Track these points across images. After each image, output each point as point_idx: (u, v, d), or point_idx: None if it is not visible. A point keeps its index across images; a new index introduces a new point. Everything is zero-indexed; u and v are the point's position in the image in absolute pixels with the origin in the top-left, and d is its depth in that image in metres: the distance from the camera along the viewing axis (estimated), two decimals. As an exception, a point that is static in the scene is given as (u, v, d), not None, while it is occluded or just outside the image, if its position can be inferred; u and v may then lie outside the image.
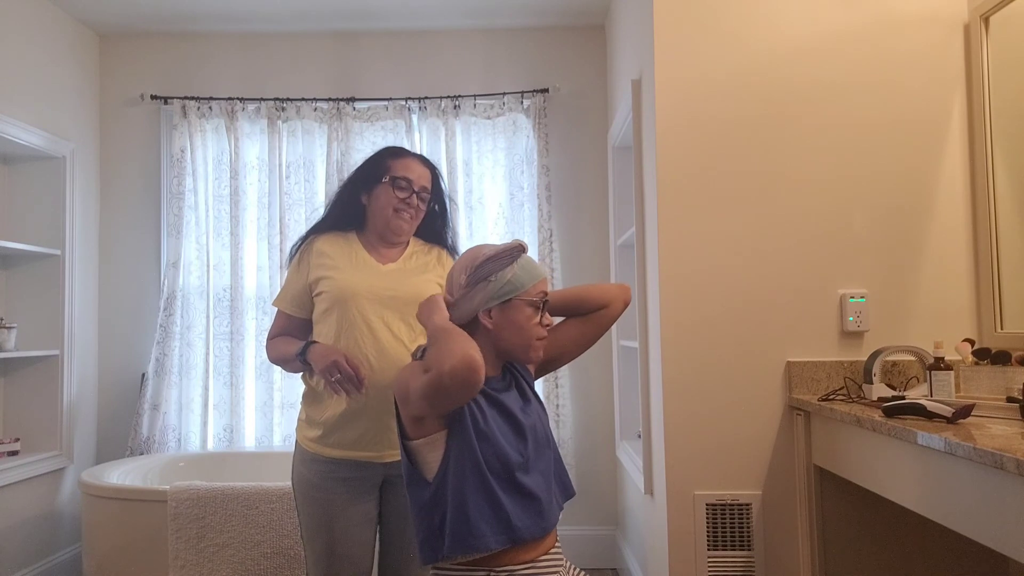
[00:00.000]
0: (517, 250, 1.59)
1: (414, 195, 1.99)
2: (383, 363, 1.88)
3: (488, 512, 1.44)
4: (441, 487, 1.46)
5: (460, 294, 1.59)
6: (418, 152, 2.12)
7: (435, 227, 2.12)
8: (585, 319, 1.73)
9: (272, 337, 2.07)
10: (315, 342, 1.94)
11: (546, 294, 1.60)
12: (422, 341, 1.97)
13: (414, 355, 1.61)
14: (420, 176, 2.01)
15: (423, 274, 2.02)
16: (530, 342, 1.59)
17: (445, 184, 2.13)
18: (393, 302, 1.93)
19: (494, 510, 1.44)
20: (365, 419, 1.89)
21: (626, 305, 1.75)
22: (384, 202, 1.98)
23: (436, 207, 2.11)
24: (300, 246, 2.05)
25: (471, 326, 1.58)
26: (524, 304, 1.57)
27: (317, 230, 2.05)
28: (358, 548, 1.92)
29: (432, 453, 1.48)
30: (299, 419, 2.00)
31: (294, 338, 2.02)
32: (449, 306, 1.60)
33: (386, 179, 1.99)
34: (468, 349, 1.39)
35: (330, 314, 1.93)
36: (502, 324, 1.56)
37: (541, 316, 1.59)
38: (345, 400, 1.88)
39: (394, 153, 2.06)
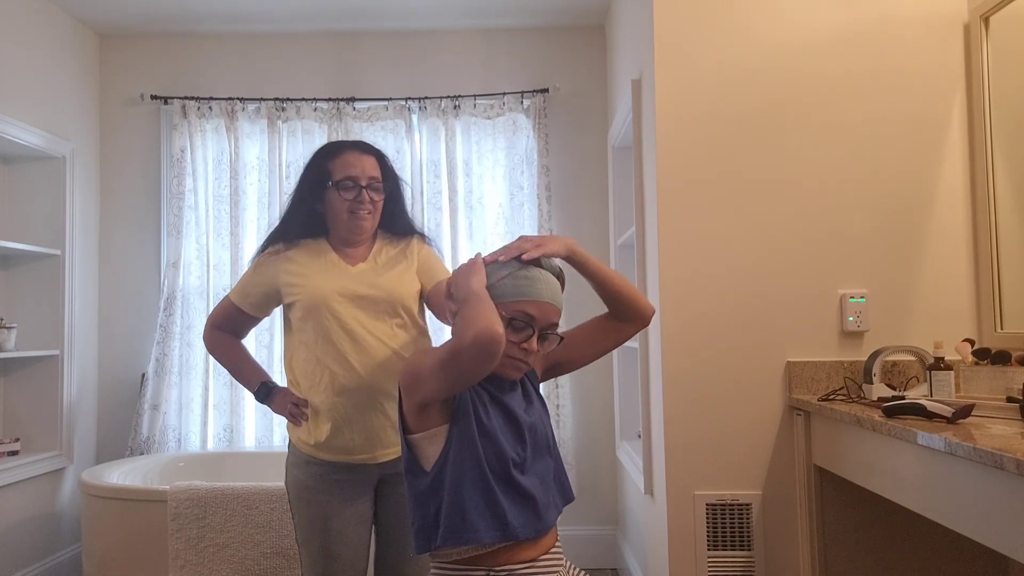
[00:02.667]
0: (514, 261, 1.55)
1: (363, 191, 1.91)
2: (366, 365, 1.86)
3: (483, 507, 1.44)
4: (439, 477, 1.46)
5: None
6: (353, 140, 2.03)
7: (396, 218, 2.03)
8: (602, 327, 1.67)
9: (216, 327, 2.06)
10: (274, 387, 2.02)
11: (532, 317, 1.49)
12: (402, 336, 1.93)
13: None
14: (364, 168, 1.92)
15: (394, 269, 1.97)
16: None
17: (391, 163, 2.02)
18: (365, 302, 1.90)
19: (489, 505, 1.44)
20: (357, 424, 1.88)
21: (643, 326, 1.68)
22: (337, 207, 1.92)
23: (391, 192, 2.00)
24: (266, 249, 2.01)
25: None
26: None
27: (285, 236, 1.98)
28: (353, 549, 1.91)
29: (432, 446, 1.48)
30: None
31: (242, 346, 2.10)
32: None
33: (330, 184, 1.91)
34: (492, 320, 1.35)
35: (306, 322, 1.90)
36: None
37: (520, 339, 1.49)
38: (329, 417, 1.88)
39: (331, 153, 1.96)
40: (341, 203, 1.91)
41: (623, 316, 1.65)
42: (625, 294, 1.63)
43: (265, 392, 2.04)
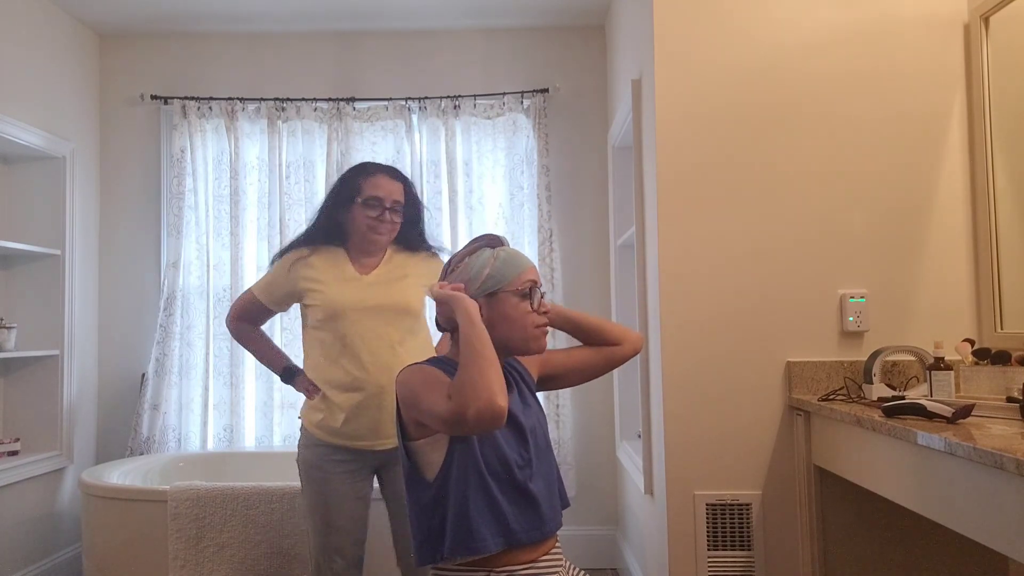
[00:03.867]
0: (486, 239, 1.59)
1: (386, 211, 2.15)
2: (376, 367, 2.13)
3: (487, 514, 1.44)
4: (443, 488, 1.46)
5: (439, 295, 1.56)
6: (388, 164, 2.28)
7: (411, 237, 2.27)
8: (597, 351, 1.74)
9: (239, 318, 2.31)
10: (299, 370, 2.27)
11: (535, 282, 1.57)
12: (410, 341, 2.16)
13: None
14: (391, 192, 2.16)
15: (404, 279, 2.21)
16: (527, 332, 1.55)
17: (417, 191, 2.29)
18: (379, 310, 2.15)
19: (493, 512, 1.44)
20: (364, 417, 2.14)
21: (635, 353, 1.77)
22: (360, 221, 2.16)
23: (411, 216, 2.25)
24: (289, 252, 2.24)
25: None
26: (510, 295, 1.54)
27: (310, 243, 2.22)
28: (351, 521, 2.16)
29: (434, 453, 1.47)
30: (308, 405, 2.22)
31: (264, 335, 2.38)
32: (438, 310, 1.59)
33: (358, 200, 2.15)
34: (496, 394, 1.35)
35: (325, 325, 2.15)
36: (492, 319, 1.53)
37: (535, 304, 1.56)
38: (341, 409, 2.13)
39: (363, 172, 2.20)
40: (363, 219, 2.15)
41: (609, 342, 1.74)
42: (607, 336, 1.74)
43: (289, 375, 2.30)
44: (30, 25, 3.34)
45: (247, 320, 2.32)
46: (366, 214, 2.14)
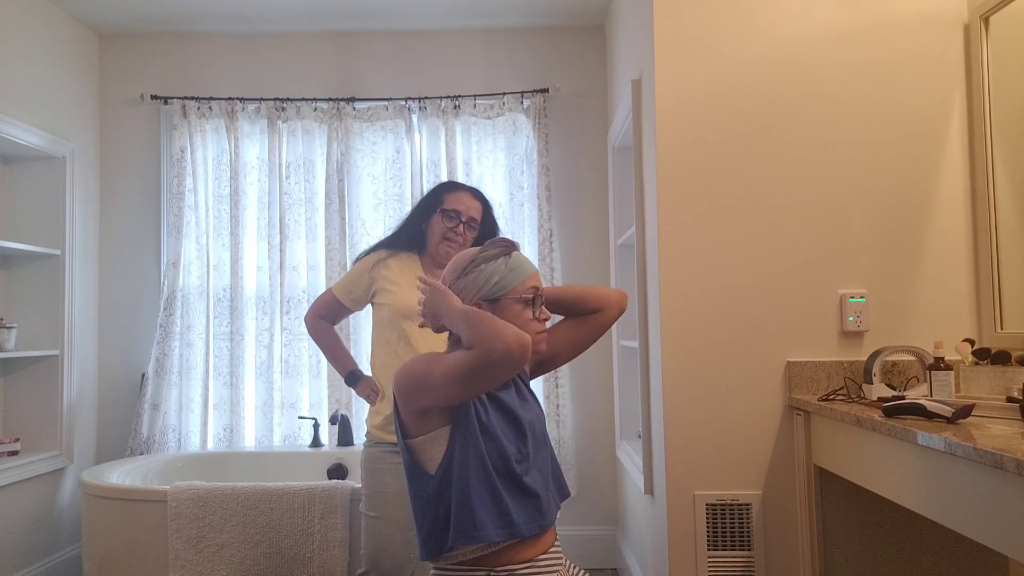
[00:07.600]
0: (502, 245, 1.58)
1: (461, 225, 2.31)
2: None
3: (489, 504, 1.44)
4: (445, 480, 1.46)
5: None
6: (471, 186, 2.42)
7: None
8: (579, 322, 1.70)
9: (318, 316, 2.45)
10: (362, 375, 2.43)
11: (538, 288, 1.57)
12: None
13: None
14: (469, 208, 2.32)
15: None
16: None
17: (495, 215, 2.43)
18: None
19: (495, 504, 1.45)
20: None
21: (621, 312, 1.72)
22: (436, 230, 2.32)
23: (485, 235, 2.36)
24: (370, 253, 2.40)
25: None
26: (513, 302, 1.54)
27: (392, 246, 2.39)
28: (403, 513, 2.25)
29: (435, 449, 1.48)
30: (369, 411, 2.38)
31: (338, 335, 2.49)
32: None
33: (439, 210, 2.32)
34: (519, 333, 1.39)
35: (392, 324, 2.30)
36: None
37: (535, 311, 1.56)
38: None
39: (449, 187, 2.38)
40: (441, 227, 2.31)
41: (591, 310, 1.70)
42: (590, 303, 1.69)
43: (354, 379, 2.44)
44: (30, 25, 3.34)
45: (326, 318, 2.46)
46: (444, 223, 2.30)
